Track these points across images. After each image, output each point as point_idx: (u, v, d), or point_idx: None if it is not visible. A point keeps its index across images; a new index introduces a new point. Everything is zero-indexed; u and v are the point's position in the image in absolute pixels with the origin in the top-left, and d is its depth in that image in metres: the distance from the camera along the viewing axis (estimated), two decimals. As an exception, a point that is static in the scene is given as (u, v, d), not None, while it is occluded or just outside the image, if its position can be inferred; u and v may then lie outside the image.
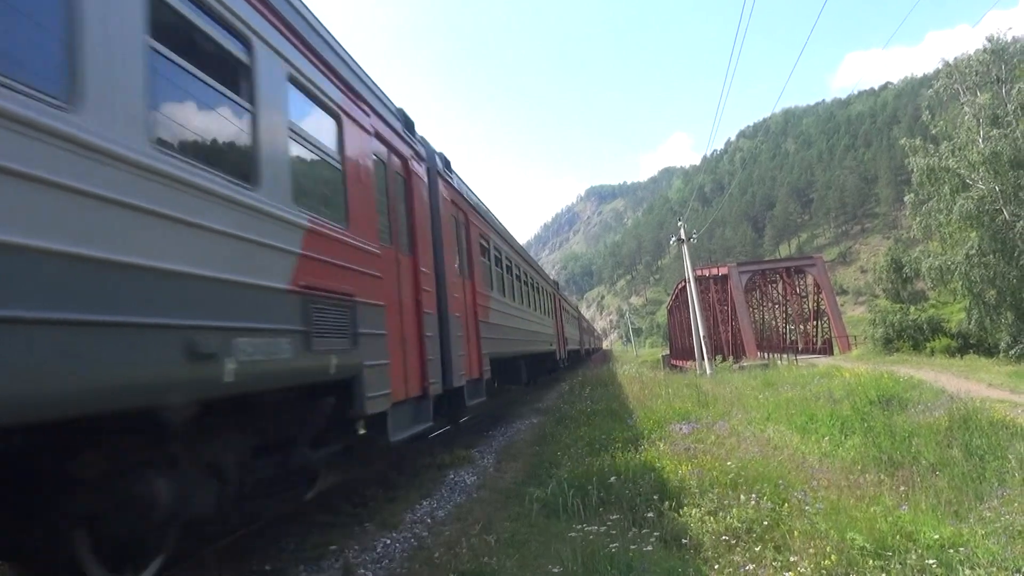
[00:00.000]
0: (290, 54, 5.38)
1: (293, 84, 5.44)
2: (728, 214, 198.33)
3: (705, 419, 12.31)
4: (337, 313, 5.64)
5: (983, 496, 7.71)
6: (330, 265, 5.63)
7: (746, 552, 5.43)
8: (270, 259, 4.65)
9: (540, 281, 24.09)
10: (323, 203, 5.90)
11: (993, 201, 30.22)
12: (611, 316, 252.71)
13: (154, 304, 3.42)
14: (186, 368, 3.65)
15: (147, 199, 3.42)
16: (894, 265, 51.45)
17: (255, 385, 4.40)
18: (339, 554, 6.15)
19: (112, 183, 3.19)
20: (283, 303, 4.75)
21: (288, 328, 4.76)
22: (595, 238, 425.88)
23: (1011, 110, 30.34)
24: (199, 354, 3.72)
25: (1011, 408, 13.57)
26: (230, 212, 4.21)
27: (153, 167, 3.48)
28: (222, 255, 4.07)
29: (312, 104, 5.94)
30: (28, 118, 2.76)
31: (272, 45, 5.03)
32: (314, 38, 5.95)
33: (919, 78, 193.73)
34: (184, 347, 3.63)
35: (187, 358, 3.64)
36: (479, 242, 13.29)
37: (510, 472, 9.67)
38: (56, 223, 2.86)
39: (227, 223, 4.15)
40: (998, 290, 30.80)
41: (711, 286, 57.73)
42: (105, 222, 3.14)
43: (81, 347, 2.96)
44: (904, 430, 10.82)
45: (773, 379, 21.74)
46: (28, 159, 2.74)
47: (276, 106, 5.09)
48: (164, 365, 3.51)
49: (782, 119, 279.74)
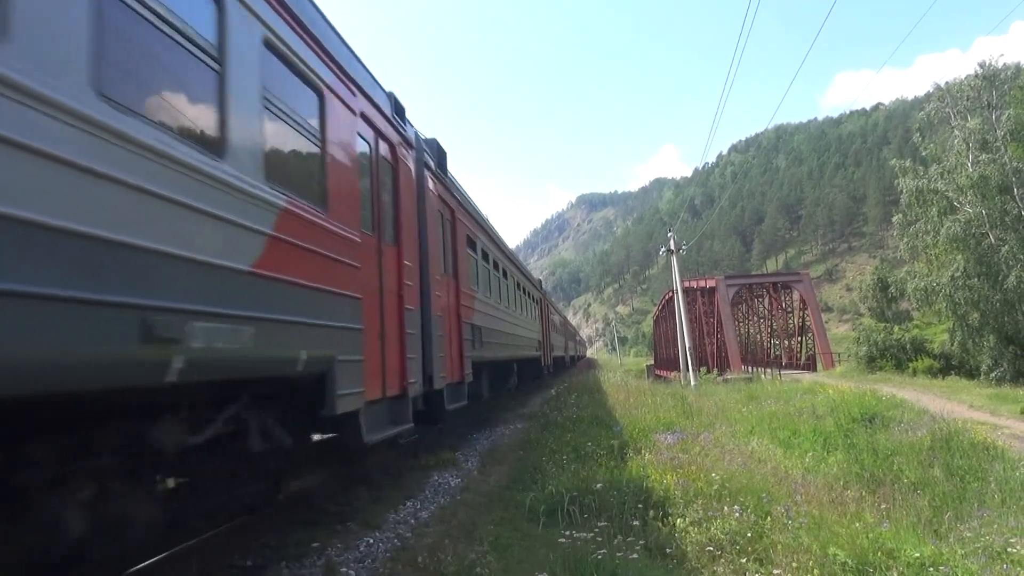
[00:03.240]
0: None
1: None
2: (717, 227, 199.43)
3: (690, 430, 12.35)
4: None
5: (963, 516, 7.78)
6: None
7: (729, 564, 5.45)
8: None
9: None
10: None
11: (980, 225, 30.59)
12: (597, 324, 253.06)
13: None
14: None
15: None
16: (880, 284, 51.96)
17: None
18: (321, 552, 6.11)
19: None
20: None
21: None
22: (584, 246, 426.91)
23: (1000, 136, 30.75)
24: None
25: (992, 430, 13.70)
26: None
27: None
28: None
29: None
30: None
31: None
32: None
33: (910, 100, 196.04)
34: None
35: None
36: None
37: (494, 476, 9.66)
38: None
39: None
40: (981, 313, 31.14)
41: (698, 298, 57.91)
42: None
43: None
44: (886, 448, 10.91)
45: (757, 393, 21.83)
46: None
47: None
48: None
49: (774, 135, 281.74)
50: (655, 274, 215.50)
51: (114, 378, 3.26)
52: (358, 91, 6.96)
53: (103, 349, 3.12)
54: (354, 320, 6.27)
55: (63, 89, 2.91)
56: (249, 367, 4.46)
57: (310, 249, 5.32)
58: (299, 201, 5.18)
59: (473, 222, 13.83)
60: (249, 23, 4.66)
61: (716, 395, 21.98)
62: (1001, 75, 32.49)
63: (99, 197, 3.12)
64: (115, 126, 3.21)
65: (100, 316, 3.08)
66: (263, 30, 4.84)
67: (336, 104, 6.25)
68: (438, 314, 9.76)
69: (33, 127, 2.75)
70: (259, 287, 4.49)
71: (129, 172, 3.30)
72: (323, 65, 5.97)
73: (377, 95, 7.76)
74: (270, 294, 4.63)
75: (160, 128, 3.61)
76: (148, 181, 3.43)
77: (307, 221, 5.30)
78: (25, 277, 2.67)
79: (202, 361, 3.79)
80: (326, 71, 6.03)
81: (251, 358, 4.40)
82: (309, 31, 5.68)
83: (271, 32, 4.95)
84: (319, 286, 5.45)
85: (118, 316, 3.19)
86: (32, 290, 2.70)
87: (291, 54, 5.32)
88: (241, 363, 4.32)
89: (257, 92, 4.73)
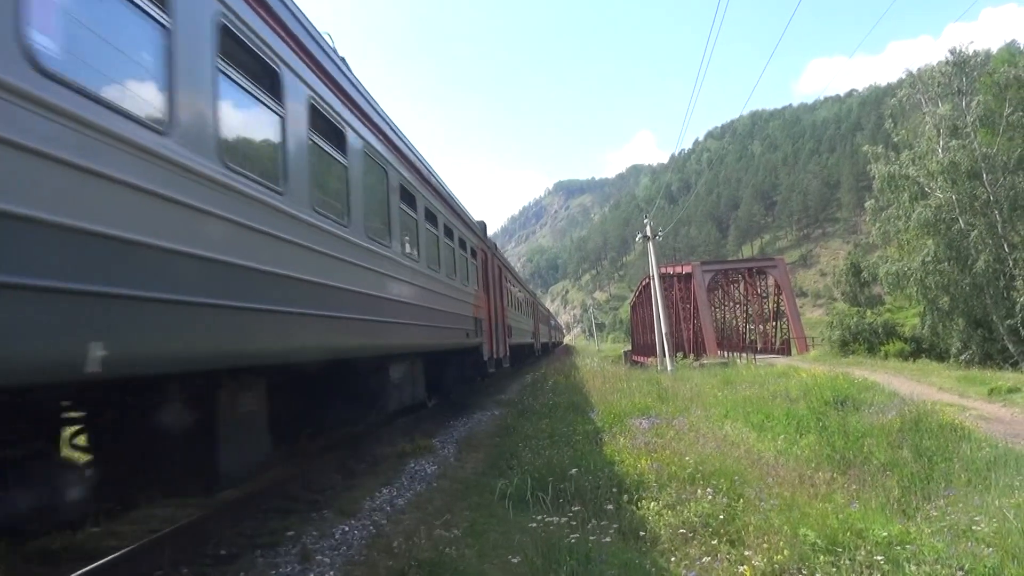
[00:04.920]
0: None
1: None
2: (694, 213, 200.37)
3: (665, 415, 12.44)
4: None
5: (930, 496, 7.91)
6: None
7: (702, 545, 5.52)
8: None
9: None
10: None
11: (950, 210, 31.06)
12: (575, 310, 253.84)
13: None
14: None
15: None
16: (853, 269, 52.72)
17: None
18: (297, 540, 6.11)
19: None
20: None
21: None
22: (562, 232, 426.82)
23: (970, 122, 31.17)
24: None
25: (959, 412, 13.95)
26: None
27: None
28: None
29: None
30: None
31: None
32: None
33: (883, 87, 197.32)
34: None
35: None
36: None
37: (471, 462, 9.70)
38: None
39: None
40: (951, 297, 31.69)
41: (675, 284, 58.22)
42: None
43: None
44: (857, 430, 11.05)
45: (732, 377, 22.01)
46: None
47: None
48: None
49: (749, 121, 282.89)
50: (632, 260, 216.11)
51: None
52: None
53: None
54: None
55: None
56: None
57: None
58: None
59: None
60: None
61: (692, 380, 22.16)
62: (971, 62, 32.87)
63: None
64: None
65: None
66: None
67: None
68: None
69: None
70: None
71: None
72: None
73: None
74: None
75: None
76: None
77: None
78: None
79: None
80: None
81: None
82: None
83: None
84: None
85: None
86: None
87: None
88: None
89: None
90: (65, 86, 3.12)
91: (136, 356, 3.59)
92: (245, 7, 4.97)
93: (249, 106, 5.16)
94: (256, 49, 5.15)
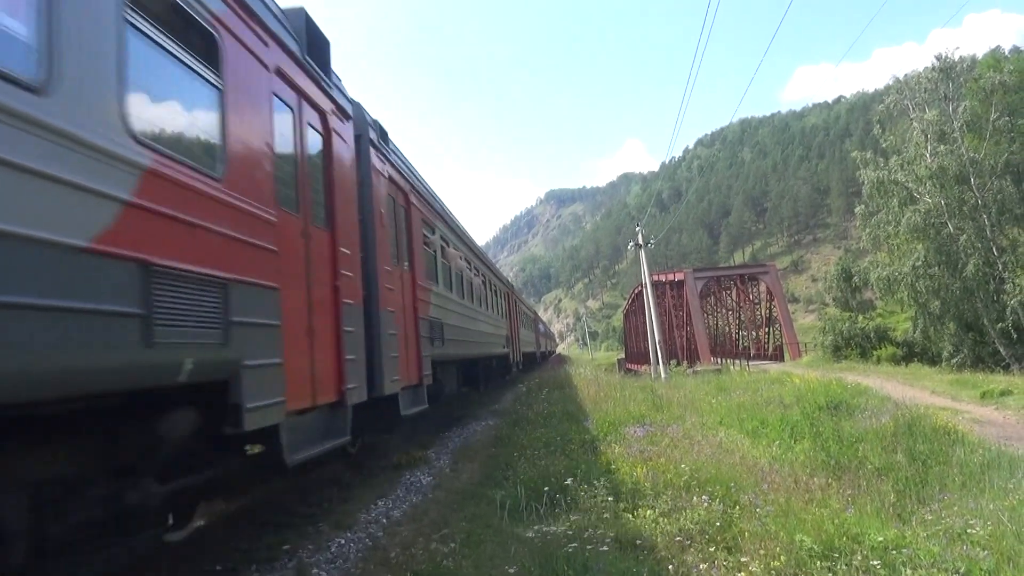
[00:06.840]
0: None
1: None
2: (685, 221, 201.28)
3: (659, 422, 12.44)
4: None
5: (925, 500, 7.93)
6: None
7: (699, 553, 5.52)
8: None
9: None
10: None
11: (939, 214, 31.27)
12: (568, 319, 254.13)
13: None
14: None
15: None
16: (844, 275, 52.67)
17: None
18: (293, 554, 6.08)
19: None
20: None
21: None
22: (554, 241, 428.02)
23: (957, 127, 31.47)
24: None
25: (953, 415, 14.01)
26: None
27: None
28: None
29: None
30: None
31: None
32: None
33: (871, 93, 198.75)
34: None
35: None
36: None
37: (466, 473, 9.67)
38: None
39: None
40: (942, 301, 31.86)
41: (667, 291, 58.36)
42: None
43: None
44: (851, 435, 11.08)
45: (726, 384, 22.04)
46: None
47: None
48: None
49: (739, 129, 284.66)
50: (624, 268, 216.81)
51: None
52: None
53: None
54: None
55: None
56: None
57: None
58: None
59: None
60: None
61: (686, 387, 22.17)
62: (957, 67, 33.21)
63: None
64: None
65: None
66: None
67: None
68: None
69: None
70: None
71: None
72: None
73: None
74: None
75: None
76: None
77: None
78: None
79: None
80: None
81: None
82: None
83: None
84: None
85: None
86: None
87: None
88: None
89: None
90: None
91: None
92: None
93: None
94: None
